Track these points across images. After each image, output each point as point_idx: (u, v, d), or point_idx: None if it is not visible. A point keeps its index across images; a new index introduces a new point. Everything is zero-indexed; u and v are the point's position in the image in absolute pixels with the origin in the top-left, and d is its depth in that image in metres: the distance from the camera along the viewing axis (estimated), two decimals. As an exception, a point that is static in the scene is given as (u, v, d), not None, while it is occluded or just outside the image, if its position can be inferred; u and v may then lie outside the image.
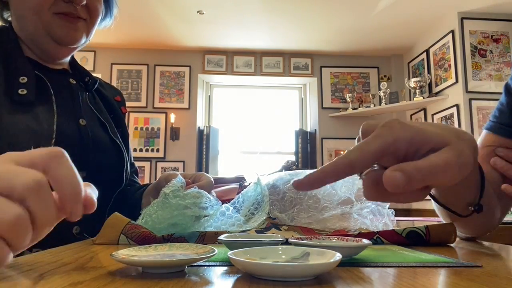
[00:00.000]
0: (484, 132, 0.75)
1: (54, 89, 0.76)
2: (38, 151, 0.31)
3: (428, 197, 0.44)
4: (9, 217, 0.26)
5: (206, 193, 0.61)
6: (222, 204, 0.64)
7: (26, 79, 0.71)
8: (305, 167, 4.35)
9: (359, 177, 0.36)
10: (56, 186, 0.30)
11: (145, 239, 0.54)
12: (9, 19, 0.81)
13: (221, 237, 0.47)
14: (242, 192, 0.67)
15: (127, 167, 0.88)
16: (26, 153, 0.31)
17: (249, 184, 0.70)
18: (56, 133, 0.71)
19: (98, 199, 0.34)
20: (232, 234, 0.52)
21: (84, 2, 0.75)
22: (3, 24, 0.81)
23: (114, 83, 4.38)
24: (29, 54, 0.78)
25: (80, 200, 0.31)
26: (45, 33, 0.75)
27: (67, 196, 0.30)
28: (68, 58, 0.86)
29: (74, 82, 0.84)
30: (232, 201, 0.66)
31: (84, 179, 0.33)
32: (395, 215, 0.69)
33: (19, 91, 0.69)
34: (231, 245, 0.45)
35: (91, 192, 0.33)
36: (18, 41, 0.77)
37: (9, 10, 0.79)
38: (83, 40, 0.80)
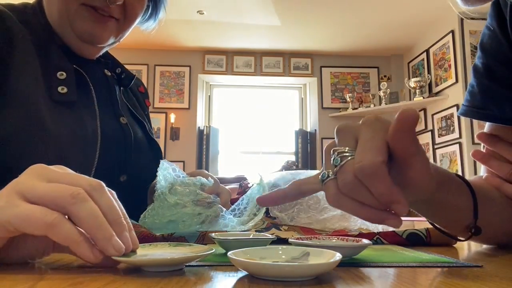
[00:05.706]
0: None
1: (92, 83, 0.68)
2: (58, 191, 0.34)
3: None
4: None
5: (202, 192, 0.59)
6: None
7: (64, 74, 0.62)
8: (305, 167, 4.35)
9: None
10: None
11: (145, 238, 0.54)
12: None
13: (213, 234, 0.47)
14: (246, 194, 0.67)
15: None
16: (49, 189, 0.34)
17: (252, 186, 0.70)
18: (101, 136, 0.65)
19: (136, 201, 0.35)
20: (228, 233, 0.52)
21: (121, 1, 0.63)
22: (27, 3, 0.68)
23: (114, 83, 4.38)
24: (59, 41, 0.67)
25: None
26: (68, 26, 0.64)
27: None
28: None
29: (109, 74, 0.75)
30: (236, 203, 0.65)
31: (124, 183, 0.33)
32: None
33: (59, 89, 0.61)
34: (223, 244, 0.45)
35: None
36: (50, 26, 0.66)
37: None
38: (111, 40, 0.69)
